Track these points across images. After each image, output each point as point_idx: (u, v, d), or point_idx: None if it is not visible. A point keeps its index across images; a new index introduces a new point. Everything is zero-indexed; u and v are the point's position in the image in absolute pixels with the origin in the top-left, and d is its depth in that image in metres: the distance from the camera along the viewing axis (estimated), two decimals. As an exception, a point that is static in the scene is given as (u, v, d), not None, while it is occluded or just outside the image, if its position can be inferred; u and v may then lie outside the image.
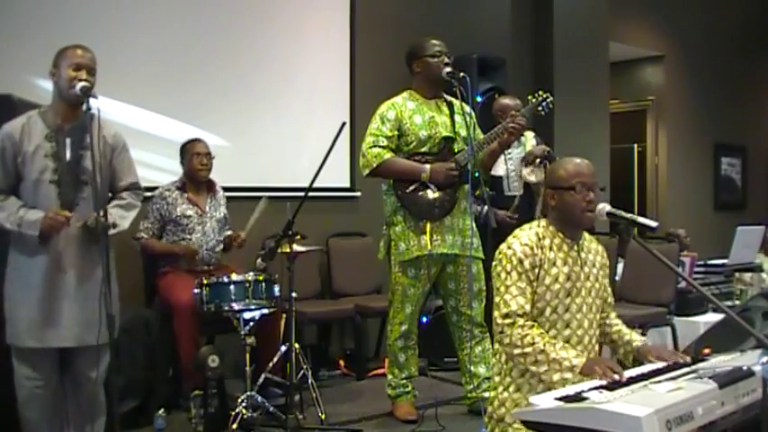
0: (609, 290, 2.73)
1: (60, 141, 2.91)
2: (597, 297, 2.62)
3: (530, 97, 3.84)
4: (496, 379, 2.59)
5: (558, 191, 2.55)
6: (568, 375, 2.33)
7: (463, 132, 3.75)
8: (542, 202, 2.67)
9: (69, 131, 2.93)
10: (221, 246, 4.29)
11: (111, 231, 2.90)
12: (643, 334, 4.01)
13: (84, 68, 2.88)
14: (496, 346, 2.57)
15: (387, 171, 3.75)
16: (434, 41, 3.82)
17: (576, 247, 2.59)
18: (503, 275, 2.51)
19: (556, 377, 2.36)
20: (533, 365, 2.41)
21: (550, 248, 2.53)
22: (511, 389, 2.51)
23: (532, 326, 2.44)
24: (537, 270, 2.49)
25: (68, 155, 2.91)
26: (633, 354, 2.61)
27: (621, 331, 2.69)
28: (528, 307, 2.47)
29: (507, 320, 2.45)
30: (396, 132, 3.76)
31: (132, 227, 4.06)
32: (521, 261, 2.48)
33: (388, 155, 3.73)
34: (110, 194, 3.10)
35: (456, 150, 3.80)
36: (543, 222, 2.61)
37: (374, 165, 3.73)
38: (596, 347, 2.62)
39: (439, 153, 3.78)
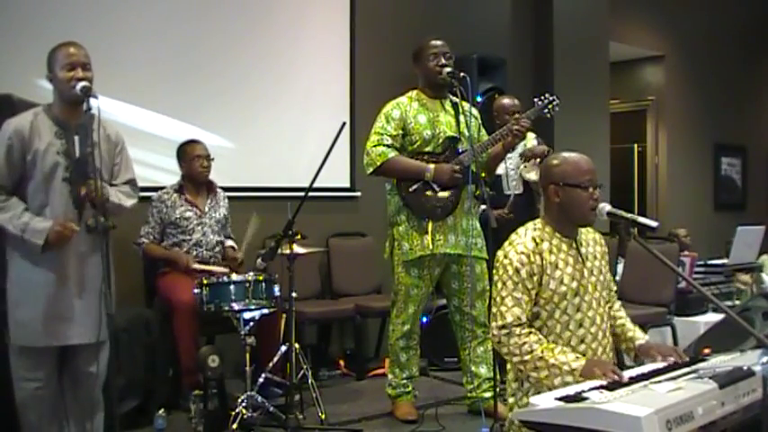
0: (609, 276, 2.70)
1: (70, 139, 2.90)
2: (603, 289, 2.61)
3: (535, 100, 3.82)
4: (514, 385, 2.56)
5: (565, 187, 2.51)
6: (569, 379, 2.33)
7: (467, 133, 3.73)
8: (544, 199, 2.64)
9: (76, 129, 2.92)
10: (220, 247, 4.30)
11: (113, 200, 2.93)
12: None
13: (78, 66, 2.86)
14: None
15: (390, 170, 3.74)
16: (434, 42, 3.81)
17: (574, 245, 2.57)
18: (498, 285, 2.50)
19: (557, 381, 2.36)
20: (533, 372, 2.41)
21: (550, 251, 2.50)
22: (531, 393, 2.47)
23: (529, 333, 2.43)
24: (537, 277, 2.47)
25: (77, 152, 2.91)
26: (635, 351, 2.61)
27: (625, 326, 2.68)
28: (524, 316, 2.45)
29: (504, 331, 2.45)
30: (400, 131, 3.75)
31: (134, 232, 4.09)
32: (517, 270, 2.46)
33: (392, 153, 3.72)
34: None
35: (460, 151, 3.78)
36: (539, 224, 2.57)
37: (378, 163, 3.72)
38: (610, 340, 2.61)
39: (443, 153, 3.77)
